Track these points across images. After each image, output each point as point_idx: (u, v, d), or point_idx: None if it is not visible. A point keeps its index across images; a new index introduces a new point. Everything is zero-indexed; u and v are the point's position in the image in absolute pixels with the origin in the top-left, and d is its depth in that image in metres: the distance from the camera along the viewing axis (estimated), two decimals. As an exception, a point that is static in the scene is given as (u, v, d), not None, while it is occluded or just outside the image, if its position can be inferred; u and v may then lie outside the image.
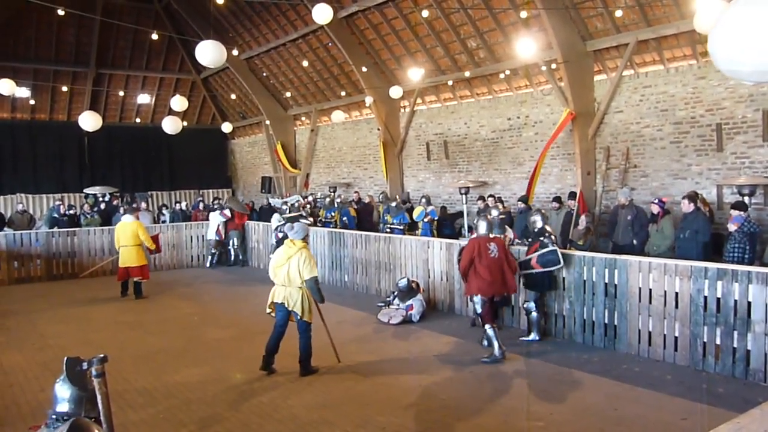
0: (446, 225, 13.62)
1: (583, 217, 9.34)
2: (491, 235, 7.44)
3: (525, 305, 8.01)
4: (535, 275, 7.81)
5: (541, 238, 7.76)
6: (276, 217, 13.30)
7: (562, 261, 7.54)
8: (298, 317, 6.62)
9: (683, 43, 10.60)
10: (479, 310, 7.32)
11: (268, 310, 6.90)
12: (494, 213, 9.53)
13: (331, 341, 7.11)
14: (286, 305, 6.64)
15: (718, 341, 6.37)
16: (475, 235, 7.50)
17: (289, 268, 6.61)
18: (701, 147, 10.57)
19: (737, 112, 10.05)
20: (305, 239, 6.84)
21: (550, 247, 7.61)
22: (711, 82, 10.38)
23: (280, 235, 10.69)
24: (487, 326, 7.18)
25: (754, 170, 9.84)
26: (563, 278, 7.87)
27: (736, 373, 6.21)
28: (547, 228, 7.86)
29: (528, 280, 7.93)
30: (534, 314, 7.83)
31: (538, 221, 7.92)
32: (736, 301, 6.21)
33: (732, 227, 7.62)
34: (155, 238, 12.03)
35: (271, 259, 7.10)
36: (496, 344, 7.05)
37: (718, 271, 6.40)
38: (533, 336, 7.80)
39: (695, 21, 7.12)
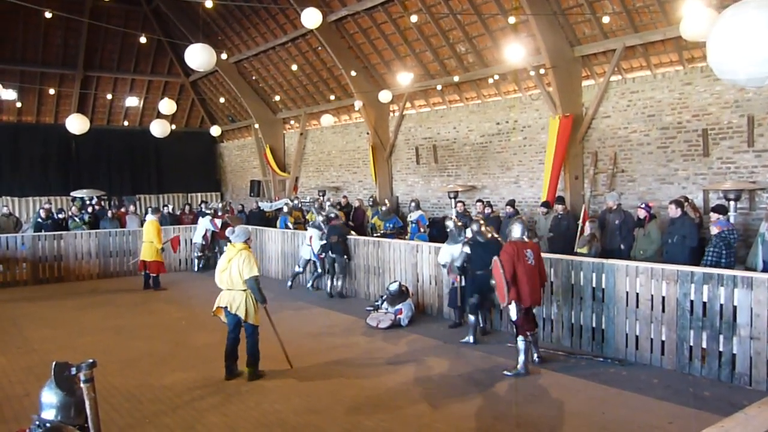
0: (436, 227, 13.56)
1: (588, 224, 9.27)
2: (526, 240, 6.87)
3: None
4: None
5: None
6: (315, 232, 11.58)
7: None
8: (243, 321, 6.60)
9: (670, 49, 10.71)
10: (514, 318, 6.70)
11: (217, 315, 6.86)
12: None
13: (282, 346, 7.01)
14: (229, 309, 6.62)
15: (704, 345, 6.41)
16: (512, 239, 6.92)
17: (230, 271, 6.61)
18: (688, 152, 10.66)
19: (723, 117, 10.16)
20: (247, 242, 6.82)
21: None
22: (697, 87, 10.48)
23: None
24: (519, 338, 6.65)
25: (739, 175, 9.94)
26: (551, 282, 7.79)
27: (722, 376, 6.26)
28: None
29: None
30: None
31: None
32: (721, 305, 6.26)
33: (714, 230, 7.57)
34: (175, 240, 14.30)
35: (217, 264, 7.02)
36: (522, 358, 6.62)
37: (704, 275, 6.45)
38: None
39: (682, 28, 7.20)
